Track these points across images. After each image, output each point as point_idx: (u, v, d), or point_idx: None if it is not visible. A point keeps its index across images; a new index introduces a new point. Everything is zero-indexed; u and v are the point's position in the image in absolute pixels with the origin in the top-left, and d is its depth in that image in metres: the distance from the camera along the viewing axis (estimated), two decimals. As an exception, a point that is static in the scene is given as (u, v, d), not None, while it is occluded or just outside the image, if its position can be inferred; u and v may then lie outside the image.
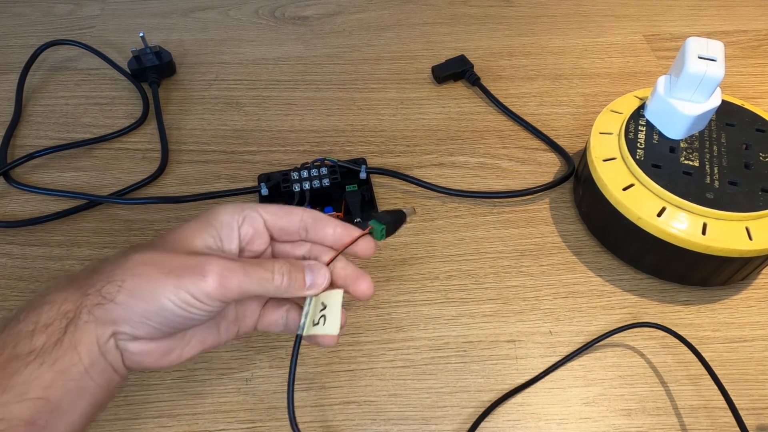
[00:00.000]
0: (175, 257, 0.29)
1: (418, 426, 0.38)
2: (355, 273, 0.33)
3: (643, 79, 0.61)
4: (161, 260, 0.29)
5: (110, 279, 0.28)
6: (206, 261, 0.29)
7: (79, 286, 0.28)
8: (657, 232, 0.40)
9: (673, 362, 0.41)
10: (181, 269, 0.28)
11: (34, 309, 0.28)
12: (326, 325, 0.32)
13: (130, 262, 0.29)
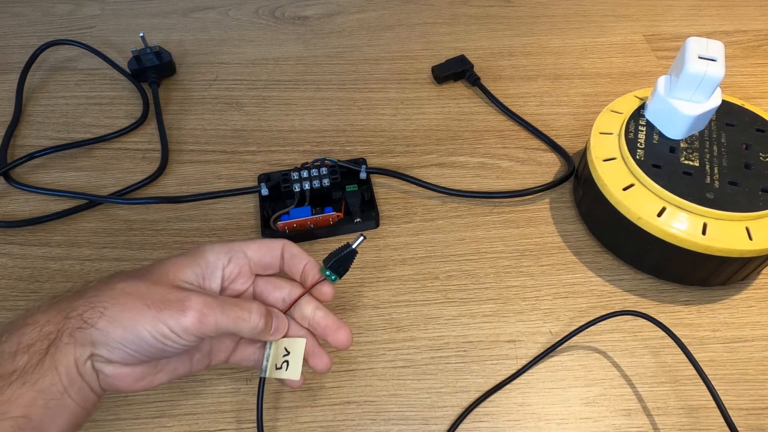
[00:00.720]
0: (158, 290, 0.30)
1: (418, 426, 0.38)
2: (335, 324, 0.35)
3: (643, 79, 0.61)
4: (144, 292, 0.30)
5: (93, 305, 0.29)
6: (187, 297, 0.30)
7: (61, 309, 0.29)
8: (657, 232, 0.40)
9: (673, 362, 0.41)
10: (162, 303, 0.29)
11: (17, 330, 0.28)
12: (288, 370, 0.34)
13: (114, 291, 0.30)
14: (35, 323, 0.28)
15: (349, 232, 0.48)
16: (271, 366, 0.35)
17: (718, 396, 0.37)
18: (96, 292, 0.30)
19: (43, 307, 0.30)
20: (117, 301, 0.29)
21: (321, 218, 0.46)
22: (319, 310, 0.36)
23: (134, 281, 0.31)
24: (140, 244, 0.47)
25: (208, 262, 0.33)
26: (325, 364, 0.36)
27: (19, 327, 0.28)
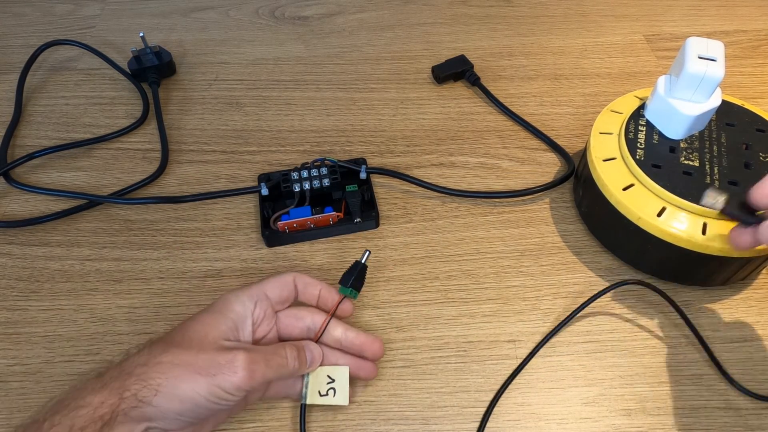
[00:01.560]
0: (204, 356, 0.32)
1: (418, 426, 0.38)
2: (369, 339, 0.38)
3: (643, 79, 0.61)
4: (192, 361, 0.31)
5: (145, 383, 0.30)
6: (234, 357, 0.32)
7: (113, 389, 0.30)
8: (657, 232, 0.40)
9: (673, 362, 0.41)
10: (212, 368, 0.31)
11: (69, 412, 0.29)
12: (336, 397, 0.36)
13: (162, 365, 0.31)
14: (88, 405, 0.29)
15: (349, 232, 0.48)
16: (312, 392, 0.36)
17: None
18: (144, 369, 0.31)
19: (92, 387, 0.30)
20: (169, 375, 0.31)
21: (321, 218, 0.46)
22: (350, 331, 0.38)
23: (178, 351, 0.32)
24: (140, 244, 0.47)
25: (237, 313, 0.35)
26: (372, 372, 0.38)
27: (71, 409, 0.29)
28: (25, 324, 0.43)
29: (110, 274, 0.45)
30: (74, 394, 0.30)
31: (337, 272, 0.45)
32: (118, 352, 0.41)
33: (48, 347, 0.41)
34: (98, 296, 0.44)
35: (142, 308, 0.43)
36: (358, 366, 0.38)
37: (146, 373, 0.31)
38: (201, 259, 0.46)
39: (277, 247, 0.47)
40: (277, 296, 0.37)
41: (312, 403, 0.36)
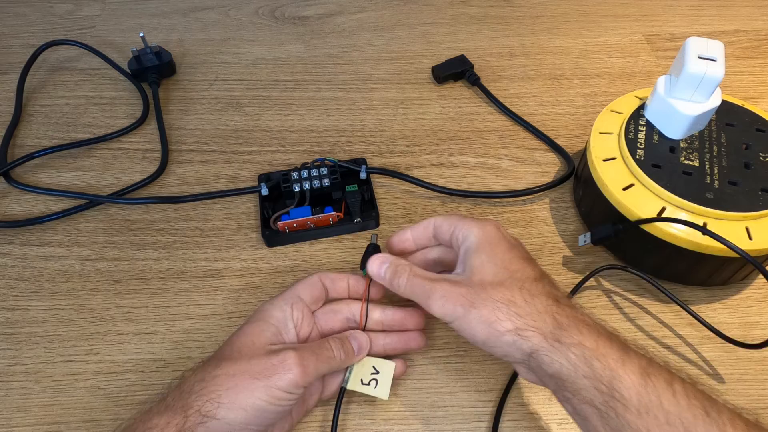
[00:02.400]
0: (257, 362, 0.32)
1: (418, 426, 0.38)
2: (408, 312, 0.39)
3: (643, 79, 0.61)
4: (245, 368, 0.32)
5: (206, 397, 0.31)
6: (285, 356, 0.32)
7: (176, 409, 0.30)
8: (657, 232, 0.40)
9: (673, 362, 0.41)
10: (267, 370, 0.32)
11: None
12: (378, 389, 0.37)
13: (218, 378, 0.31)
14: (155, 427, 0.30)
15: (349, 232, 0.48)
16: (355, 379, 0.37)
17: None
18: (203, 384, 0.31)
19: (157, 410, 0.31)
20: (227, 386, 0.31)
21: (321, 218, 0.46)
22: (387, 309, 0.39)
23: (231, 363, 0.32)
24: (140, 244, 0.47)
25: (278, 318, 0.35)
26: (421, 342, 0.39)
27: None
28: (25, 324, 0.43)
29: (110, 274, 0.45)
30: (141, 417, 0.31)
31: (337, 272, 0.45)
32: (118, 351, 0.41)
33: (48, 347, 0.41)
34: (98, 296, 0.44)
35: (142, 308, 0.43)
36: (406, 339, 0.38)
37: (205, 388, 0.31)
38: (201, 259, 0.46)
39: (277, 247, 0.47)
40: (309, 296, 0.37)
41: (353, 389, 0.37)
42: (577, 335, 0.29)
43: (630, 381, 0.27)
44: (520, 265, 0.33)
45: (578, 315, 0.31)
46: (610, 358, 0.28)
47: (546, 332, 0.30)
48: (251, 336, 0.34)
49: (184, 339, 0.42)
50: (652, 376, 0.27)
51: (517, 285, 0.32)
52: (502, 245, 0.34)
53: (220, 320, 0.43)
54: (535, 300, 0.31)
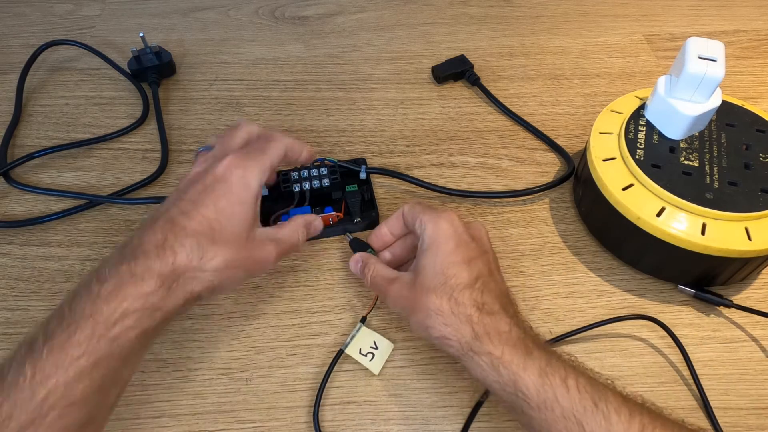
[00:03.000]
0: (245, 254, 0.35)
1: (418, 426, 0.38)
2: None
3: (643, 79, 0.61)
4: (236, 259, 0.34)
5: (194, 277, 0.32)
6: (269, 253, 0.36)
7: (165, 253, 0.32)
8: (656, 232, 0.40)
9: (673, 362, 0.41)
10: (254, 264, 0.36)
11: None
12: (372, 362, 0.40)
13: (214, 262, 0.33)
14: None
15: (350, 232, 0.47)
16: (354, 347, 0.40)
17: (707, 396, 0.39)
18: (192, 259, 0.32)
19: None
20: (221, 274, 0.33)
21: (321, 218, 0.46)
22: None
23: (223, 249, 0.33)
24: (140, 244, 0.47)
25: (255, 195, 0.36)
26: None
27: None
28: (25, 324, 0.43)
29: (110, 274, 0.45)
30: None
31: (337, 272, 0.45)
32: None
33: (48, 347, 0.41)
34: (98, 296, 0.44)
35: (142, 308, 0.43)
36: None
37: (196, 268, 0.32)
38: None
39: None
40: (277, 166, 0.38)
41: (350, 354, 0.40)
42: (487, 345, 0.32)
43: (530, 381, 0.30)
44: (457, 269, 0.34)
45: (494, 323, 0.33)
46: (513, 364, 0.31)
47: (463, 342, 0.33)
48: (236, 218, 0.34)
49: (184, 339, 0.42)
50: (549, 375, 0.30)
51: (447, 293, 0.34)
52: (449, 244, 0.35)
53: (221, 320, 0.43)
54: (459, 309, 0.33)
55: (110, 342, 0.28)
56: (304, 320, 0.43)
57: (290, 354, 0.41)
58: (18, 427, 0.25)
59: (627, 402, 0.30)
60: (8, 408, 0.25)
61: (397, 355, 0.41)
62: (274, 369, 0.40)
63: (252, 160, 0.35)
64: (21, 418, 0.25)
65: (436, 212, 0.37)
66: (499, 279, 0.36)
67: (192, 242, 0.31)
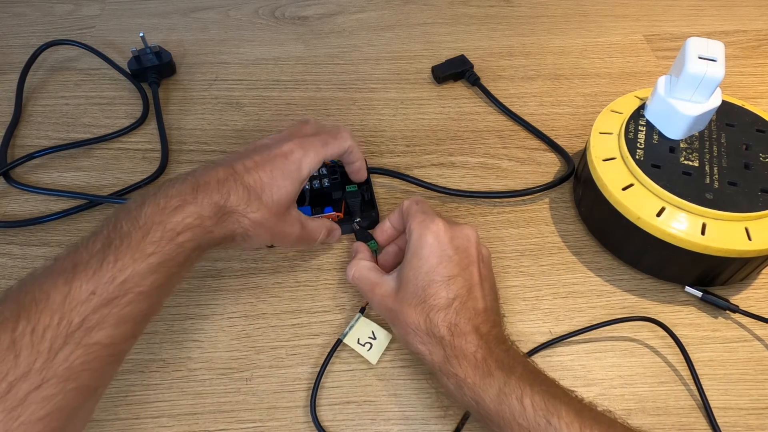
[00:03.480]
0: (289, 228, 0.40)
1: (418, 426, 0.38)
2: None
3: (643, 79, 0.61)
4: (279, 229, 0.39)
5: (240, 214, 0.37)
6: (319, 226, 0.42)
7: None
8: (656, 232, 0.40)
9: (673, 362, 0.41)
10: (298, 238, 0.41)
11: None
12: (370, 352, 0.41)
13: (258, 227, 0.37)
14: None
15: (350, 232, 0.48)
16: (353, 336, 0.41)
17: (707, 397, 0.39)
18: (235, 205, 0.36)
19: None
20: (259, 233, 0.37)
21: (321, 218, 0.46)
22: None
23: (268, 216, 0.37)
24: (140, 244, 0.47)
25: (305, 177, 0.39)
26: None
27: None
28: (25, 324, 0.43)
29: (110, 274, 0.45)
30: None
31: (337, 272, 0.45)
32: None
33: (48, 347, 0.41)
34: (98, 296, 0.44)
35: (142, 308, 0.43)
36: None
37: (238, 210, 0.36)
38: (201, 259, 0.46)
39: (277, 247, 0.47)
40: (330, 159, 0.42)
41: (348, 343, 0.41)
42: (456, 366, 0.33)
43: (489, 402, 0.32)
44: (436, 288, 0.35)
45: (462, 346, 0.34)
46: (475, 386, 0.32)
47: (436, 362, 0.34)
48: (282, 190, 0.37)
49: (184, 339, 0.42)
50: (506, 395, 0.31)
51: (425, 313, 0.35)
52: (431, 260, 0.36)
53: (220, 320, 0.43)
54: (434, 330, 0.34)
55: (176, 247, 0.32)
56: (304, 320, 0.43)
57: (290, 354, 0.41)
58: (100, 303, 0.29)
59: (580, 415, 0.30)
60: (92, 285, 0.29)
61: (398, 355, 0.41)
62: (274, 369, 0.41)
63: (312, 149, 0.39)
64: (104, 295, 0.29)
65: (424, 222, 0.37)
66: (480, 295, 0.36)
67: (244, 192, 0.36)
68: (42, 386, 0.27)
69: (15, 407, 0.26)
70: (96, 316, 0.29)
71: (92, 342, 0.29)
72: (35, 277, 0.30)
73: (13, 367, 0.26)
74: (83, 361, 0.28)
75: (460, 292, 0.35)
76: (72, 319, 0.28)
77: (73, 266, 0.30)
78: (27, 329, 0.27)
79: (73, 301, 0.28)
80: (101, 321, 0.29)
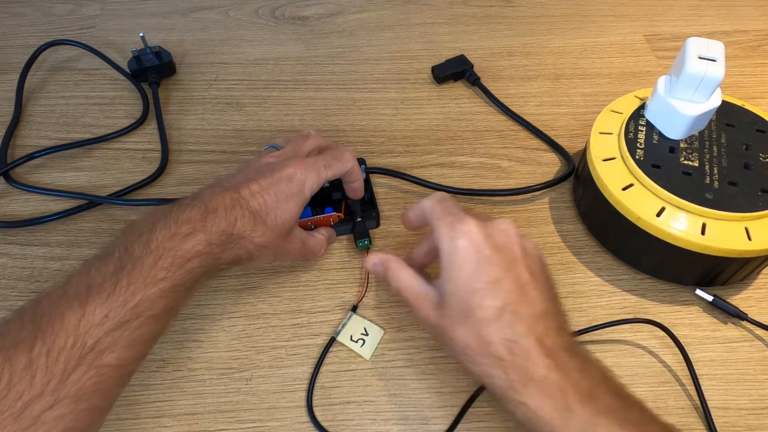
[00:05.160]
0: (290, 247, 0.41)
1: (418, 426, 0.38)
2: None
3: (643, 79, 0.61)
4: (281, 247, 0.40)
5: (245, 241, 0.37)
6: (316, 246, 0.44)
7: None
8: (656, 232, 0.40)
9: (672, 362, 0.41)
10: (298, 251, 0.42)
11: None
12: (363, 348, 0.41)
13: (261, 249, 0.38)
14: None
15: (350, 232, 0.48)
16: (345, 334, 0.42)
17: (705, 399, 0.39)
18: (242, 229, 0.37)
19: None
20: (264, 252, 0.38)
21: (321, 219, 0.46)
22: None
23: (270, 235, 0.38)
24: (140, 244, 0.47)
25: (307, 196, 0.40)
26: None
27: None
28: (25, 324, 0.43)
29: (110, 274, 0.45)
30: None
31: (337, 272, 0.45)
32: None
33: (48, 347, 0.41)
34: (98, 296, 0.44)
35: (142, 308, 0.43)
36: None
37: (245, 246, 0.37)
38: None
39: (277, 247, 0.47)
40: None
41: (342, 341, 0.41)
42: (524, 395, 0.30)
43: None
44: (480, 298, 0.31)
45: (527, 367, 0.30)
46: (552, 422, 0.29)
47: (496, 386, 0.31)
48: (286, 212, 0.38)
49: (184, 339, 0.42)
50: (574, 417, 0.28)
51: (475, 330, 0.31)
52: (468, 266, 0.32)
53: (220, 320, 0.43)
54: (488, 349, 0.31)
55: (186, 273, 0.33)
56: (304, 320, 0.43)
57: (290, 354, 0.41)
58: (113, 326, 0.30)
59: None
60: (105, 309, 0.30)
61: (398, 354, 0.41)
62: (274, 369, 0.41)
63: (315, 171, 0.40)
64: (116, 319, 0.30)
65: (453, 224, 0.33)
66: (536, 295, 0.32)
67: (250, 217, 0.36)
68: (55, 406, 0.27)
69: (29, 426, 0.27)
70: (108, 338, 0.30)
71: (103, 364, 0.29)
72: (50, 297, 0.31)
73: (28, 387, 0.27)
74: (94, 382, 0.29)
75: (511, 295, 0.31)
76: (86, 342, 0.29)
77: (87, 288, 0.30)
78: (43, 350, 0.28)
79: (87, 324, 0.29)
80: (113, 344, 0.30)
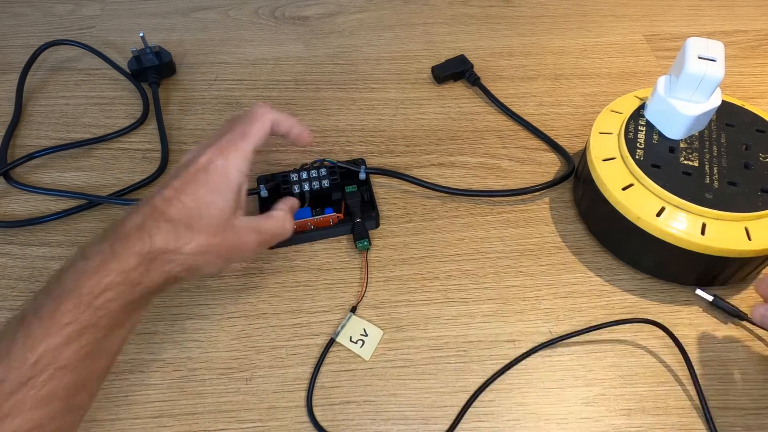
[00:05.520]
0: (228, 242, 0.35)
1: (418, 426, 0.38)
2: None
3: (643, 79, 0.61)
4: (215, 245, 0.35)
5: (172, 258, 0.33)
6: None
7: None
8: (656, 232, 0.40)
9: (672, 362, 0.41)
10: (235, 252, 0.36)
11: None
12: (363, 349, 0.41)
13: (189, 247, 0.34)
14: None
15: (350, 233, 0.48)
16: (345, 335, 0.42)
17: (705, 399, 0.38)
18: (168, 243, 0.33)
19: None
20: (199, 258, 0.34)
21: (321, 219, 0.46)
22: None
23: (202, 236, 0.34)
24: (140, 244, 0.47)
25: (240, 185, 0.36)
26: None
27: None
28: (25, 324, 0.43)
29: (110, 274, 0.45)
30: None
31: (337, 272, 0.45)
32: (118, 352, 0.41)
33: (48, 347, 0.41)
34: (98, 296, 0.44)
35: (142, 308, 0.43)
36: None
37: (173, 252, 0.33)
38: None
39: (277, 248, 0.47)
40: (262, 145, 0.38)
41: (341, 342, 0.41)
42: None
43: None
44: None
45: None
46: None
47: None
48: (214, 207, 0.34)
49: (184, 339, 0.42)
50: None
51: None
52: None
53: (220, 320, 0.43)
54: None
55: (95, 311, 0.30)
56: (304, 320, 0.43)
57: (290, 354, 0.41)
58: (11, 389, 0.27)
59: None
60: (2, 371, 0.27)
61: (397, 355, 0.41)
62: (274, 369, 0.41)
63: (233, 150, 0.36)
64: (14, 381, 0.27)
65: None
66: None
67: (168, 227, 0.32)
68: None
69: None
70: (8, 404, 0.27)
71: (11, 431, 0.27)
72: None
73: None
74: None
75: None
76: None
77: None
78: None
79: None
80: (13, 409, 0.27)
